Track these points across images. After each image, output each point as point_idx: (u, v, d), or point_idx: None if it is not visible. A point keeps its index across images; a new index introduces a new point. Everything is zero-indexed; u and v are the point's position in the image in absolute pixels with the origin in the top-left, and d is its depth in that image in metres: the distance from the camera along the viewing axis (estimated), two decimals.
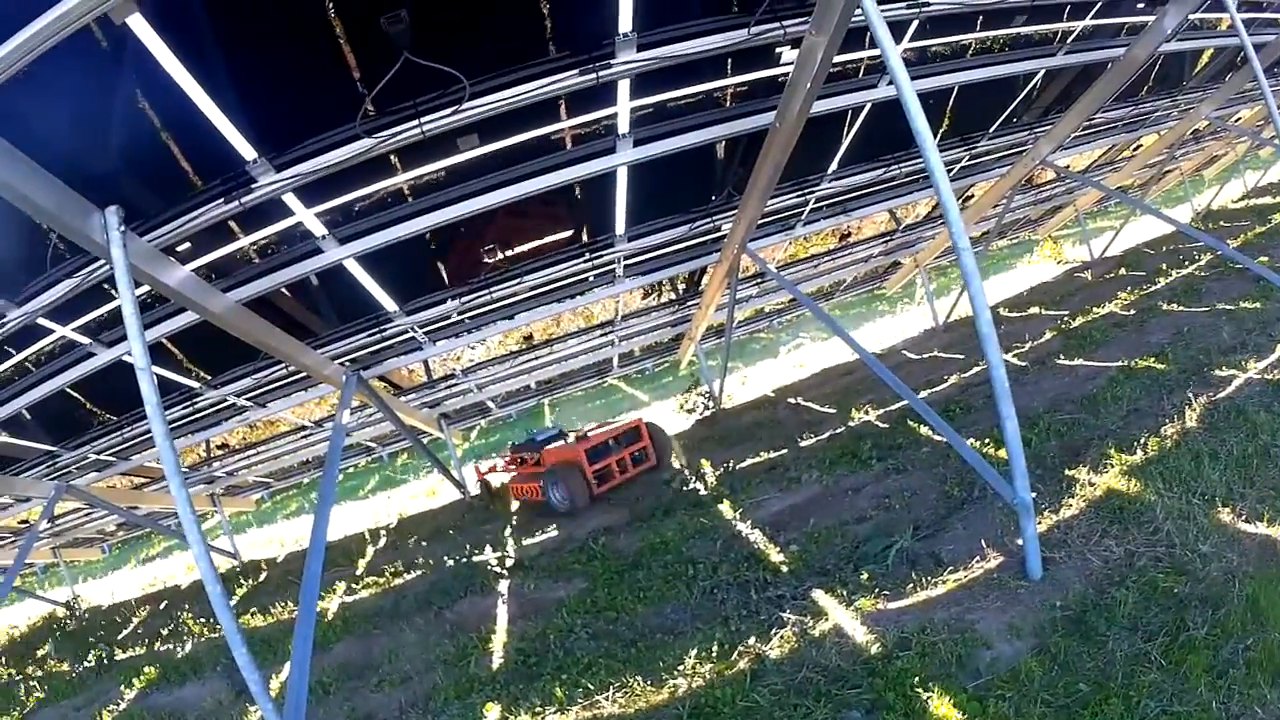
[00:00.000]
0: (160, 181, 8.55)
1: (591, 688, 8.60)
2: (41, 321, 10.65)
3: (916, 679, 6.91)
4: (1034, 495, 8.15)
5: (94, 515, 23.45)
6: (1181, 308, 17.71)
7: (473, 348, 21.34)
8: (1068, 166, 20.78)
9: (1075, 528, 8.80)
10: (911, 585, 8.67)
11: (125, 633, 18.06)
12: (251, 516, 35.00)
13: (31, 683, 15.61)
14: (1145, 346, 15.38)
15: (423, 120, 8.33)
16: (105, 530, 27.66)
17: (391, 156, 9.35)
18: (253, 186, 8.65)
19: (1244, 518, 7.99)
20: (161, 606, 19.85)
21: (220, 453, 23.11)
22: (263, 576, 20.06)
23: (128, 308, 7.33)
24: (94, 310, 11.03)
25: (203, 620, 16.46)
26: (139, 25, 6.23)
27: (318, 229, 10.40)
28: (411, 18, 6.98)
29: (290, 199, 9.34)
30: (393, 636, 12.25)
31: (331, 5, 7.15)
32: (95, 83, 7.02)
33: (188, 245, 9.45)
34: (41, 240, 9.00)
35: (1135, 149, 26.52)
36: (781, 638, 8.39)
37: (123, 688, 13.27)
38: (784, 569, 10.22)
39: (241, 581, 20.05)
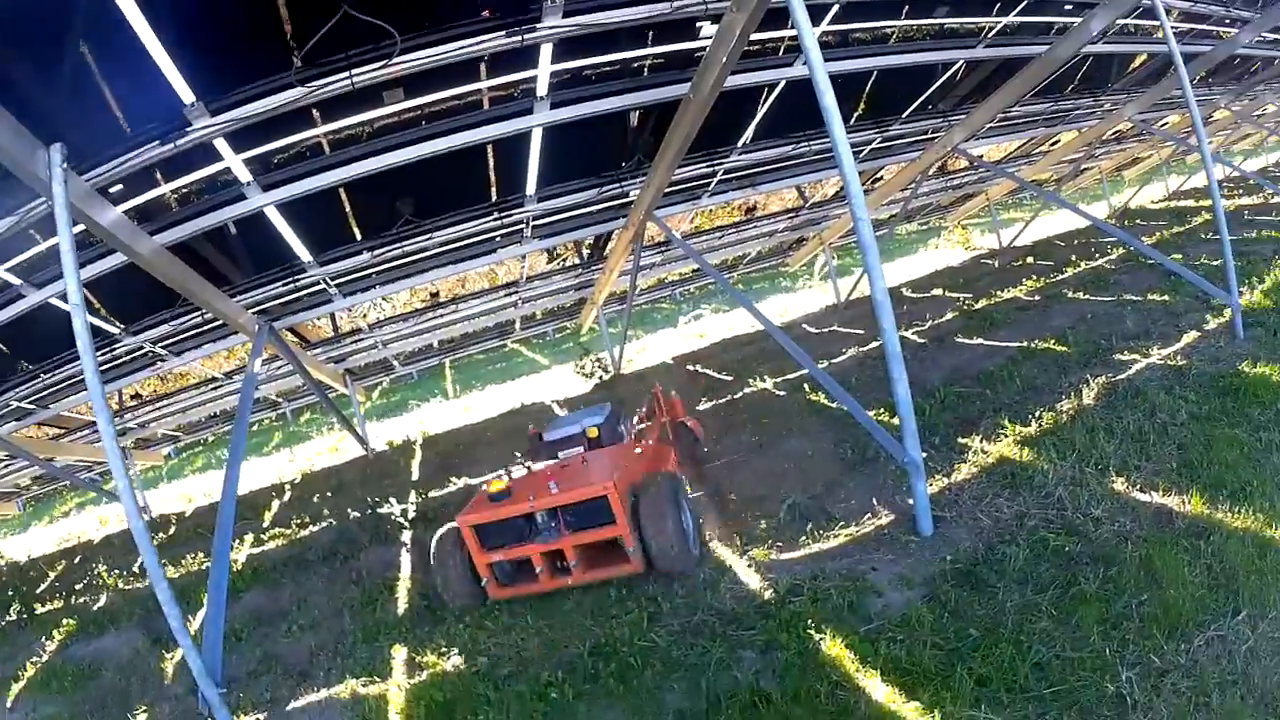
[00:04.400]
0: (99, 122, 8.67)
1: (494, 629, 8.96)
2: None
3: (810, 622, 7.29)
4: (926, 456, 8.63)
5: (12, 466, 23.16)
6: (1088, 296, 18.41)
7: (378, 304, 21.30)
8: (981, 156, 21.27)
9: (966, 490, 9.29)
10: (805, 538, 9.12)
11: (43, 587, 17.95)
12: (162, 472, 34.77)
13: None
14: (1047, 330, 15.96)
15: (354, 72, 8.55)
16: (19, 485, 27.36)
17: (314, 111, 9.57)
18: (187, 130, 8.79)
19: (1139, 487, 8.46)
20: (76, 561, 19.72)
21: (133, 403, 22.93)
22: (172, 530, 19.93)
23: (65, 243, 7.48)
24: (25, 252, 11.11)
25: (117, 572, 16.45)
26: None
27: (244, 175, 10.54)
28: None
29: (221, 144, 9.49)
30: (300, 585, 12.50)
31: None
32: (48, 22, 7.22)
33: (120, 187, 9.57)
34: None
35: (1053, 143, 27.13)
36: (681, 585, 8.78)
37: (45, 639, 13.35)
38: None
39: (153, 535, 19.80)
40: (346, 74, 8.57)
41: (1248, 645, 5.79)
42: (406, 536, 13.51)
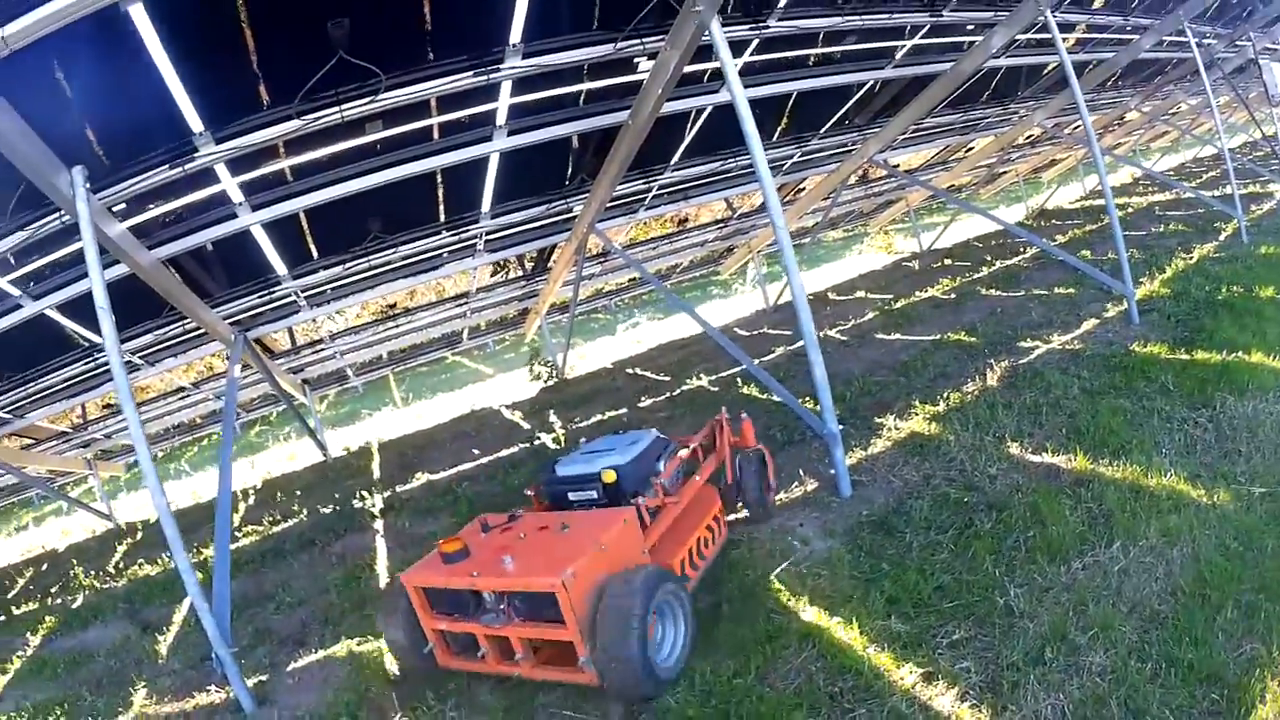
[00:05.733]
0: (114, 146, 9.45)
1: None
2: None
3: (747, 566, 8.54)
4: (845, 432, 9.90)
5: None
6: (1000, 293, 19.67)
7: (333, 317, 21.88)
8: (898, 166, 22.42)
9: (881, 460, 10.53)
10: (739, 504, 10.06)
11: (14, 592, 18.23)
12: (120, 483, 34.87)
13: None
14: (959, 323, 17.26)
15: (344, 107, 9.62)
16: None
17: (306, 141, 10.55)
18: (194, 156, 9.69)
19: (1031, 450, 9.74)
20: (44, 568, 19.87)
21: (105, 413, 23.29)
22: (139, 536, 20.24)
23: (91, 255, 8.24)
24: (27, 265, 11.74)
25: (93, 574, 16.79)
26: (137, 12, 7.34)
27: (238, 196, 11.43)
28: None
29: (220, 169, 10.40)
30: (280, 572, 13.17)
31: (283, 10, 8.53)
32: (80, 53, 7.90)
33: (123, 205, 10.33)
34: None
35: (968, 151, 28.34)
36: None
37: (28, 635, 13.60)
38: None
39: (121, 540, 20.25)
40: (337, 108, 9.59)
41: (1120, 566, 6.94)
42: (378, 524, 14.31)
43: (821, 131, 18.46)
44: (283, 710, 8.51)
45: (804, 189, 23.26)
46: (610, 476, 8.27)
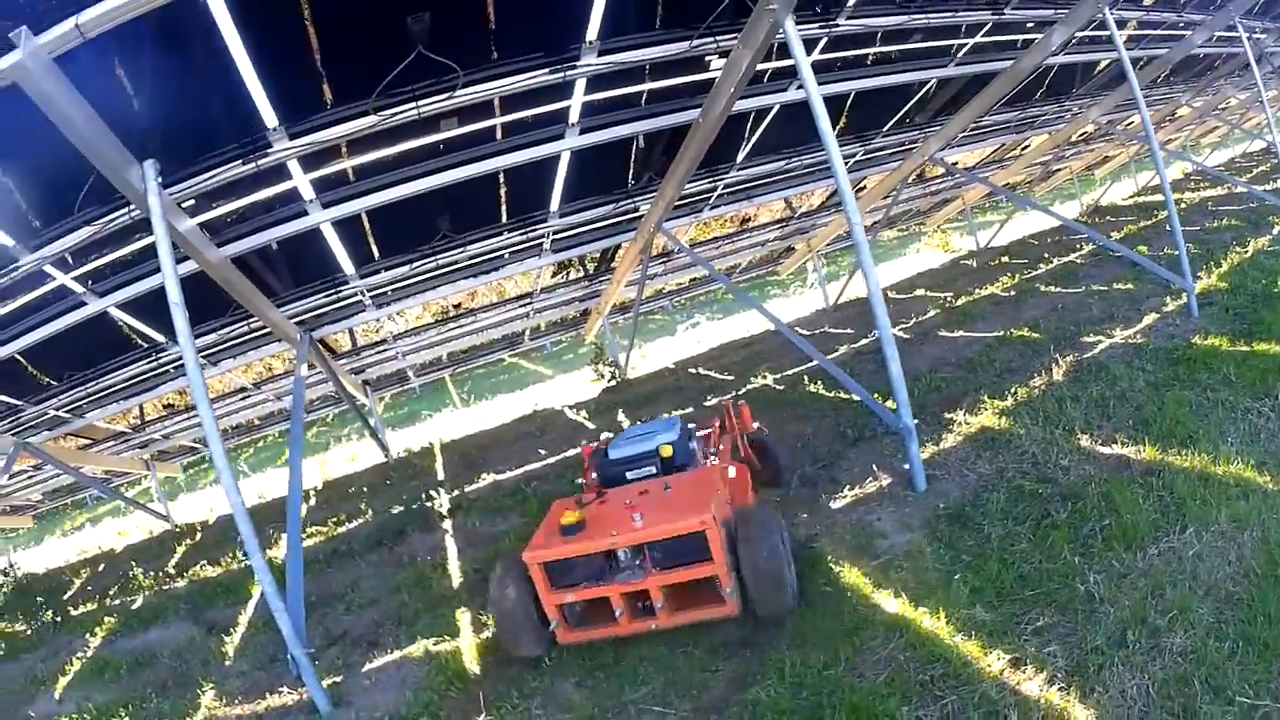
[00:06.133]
0: (184, 141, 9.48)
1: None
2: (47, 269, 11.33)
3: (830, 559, 8.63)
4: (916, 425, 9.87)
5: (36, 479, 23.43)
6: (1059, 289, 19.57)
7: (394, 318, 21.93)
8: (956, 163, 22.34)
9: (953, 454, 10.57)
10: (816, 500, 10.36)
11: (72, 592, 18.28)
12: (179, 484, 35.15)
13: None
14: (1021, 320, 17.18)
15: (420, 103, 9.68)
16: (31, 499, 27.24)
17: (378, 137, 10.54)
18: (268, 151, 9.76)
19: (1100, 442, 9.75)
20: (101, 569, 19.98)
21: (165, 412, 23.54)
22: (198, 537, 20.32)
23: (164, 250, 8.33)
24: (90, 262, 11.78)
25: (153, 574, 16.85)
26: (216, 2, 7.35)
27: (309, 194, 11.50)
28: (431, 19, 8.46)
29: (293, 165, 10.49)
30: (348, 572, 13.18)
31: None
32: (153, 44, 7.95)
33: (191, 202, 10.36)
34: (55, 192, 9.88)
35: (1024, 148, 28.25)
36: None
37: (88, 635, 13.66)
38: None
39: (180, 541, 20.35)
40: (414, 104, 9.67)
41: (1194, 551, 7.00)
42: (447, 524, 14.33)
43: (884, 130, 18.49)
44: (360, 711, 8.58)
45: (864, 187, 23.19)
46: (668, 451, 9.14)
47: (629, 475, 9.27)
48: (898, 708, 6.07)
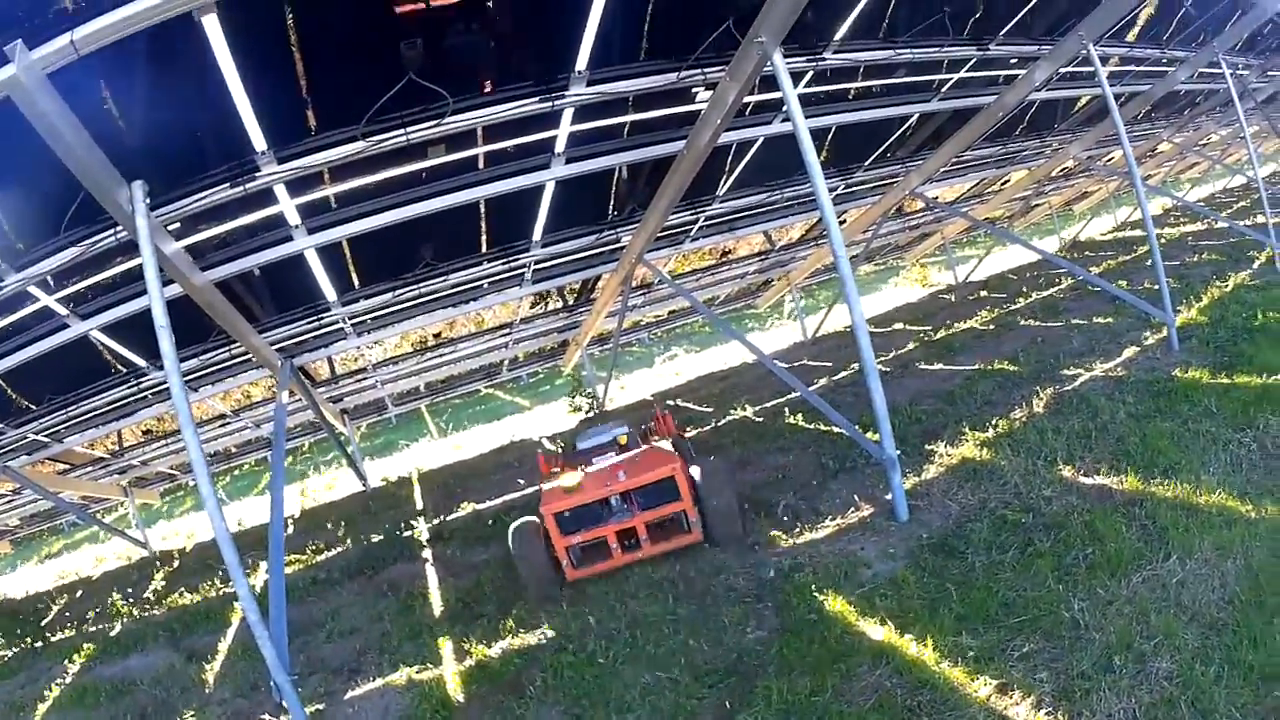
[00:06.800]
0: (171, 163, 9.38)
1: (533, 619, 10.09)
2: (31, 289, 11.14)
3: (814, 588, 8.67)
4: (899, 456, 9.95)
5: (14, 502, 23.33)
6: (1039, 323, 19.76)
7: (371, 347, 21.88)
8: (936, 198, 22.46)
9: (935, 485, 10.69)
10: (798, 530, 10.47)
11: (50, 618, 18.17)
12: (159, 510, 34.75)
13: None
14: (1001, 353, 17.35)
15: (408, 130, 9.69)
16: (8, 524, 27.05)
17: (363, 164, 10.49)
18: (256, 175, 9.71)
19: (1082, 472, 9.87)
20: (79, 595, 19.93)
21: (144, 438, 23.28)
22: (175, 564, 20.25)
23: (150, 271, 8.36)
24: (74, 284, 11.66)
25: (131, 600, 16.91)
26: (210, 23, 7.31)
27: (294, 219, 11.47)
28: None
29: (280, 190, 10.47)
30: (329, 601, 13.22)
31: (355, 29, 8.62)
32: (145, 64, 7.92)
33: (177, 225, 10.31)
34: (41, 212, 9.75)
35: (1004, 183, 28.38)
36: (695, 570, 10.09)
37: (66, 662, 13.64)
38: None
39: (158, 568, 20.21)
40: (403, 131, 9.67)
41: (1178, 578, 7.09)
42: (427, 553, 14.37)
43: (865, 164, 18.52)
44: None
45: (844, 221, 23.26)
46: (624, 439, 12.63)
47: (594, 460, 12.05)
48: None
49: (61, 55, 6.89)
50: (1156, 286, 14.10)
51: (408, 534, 16.14)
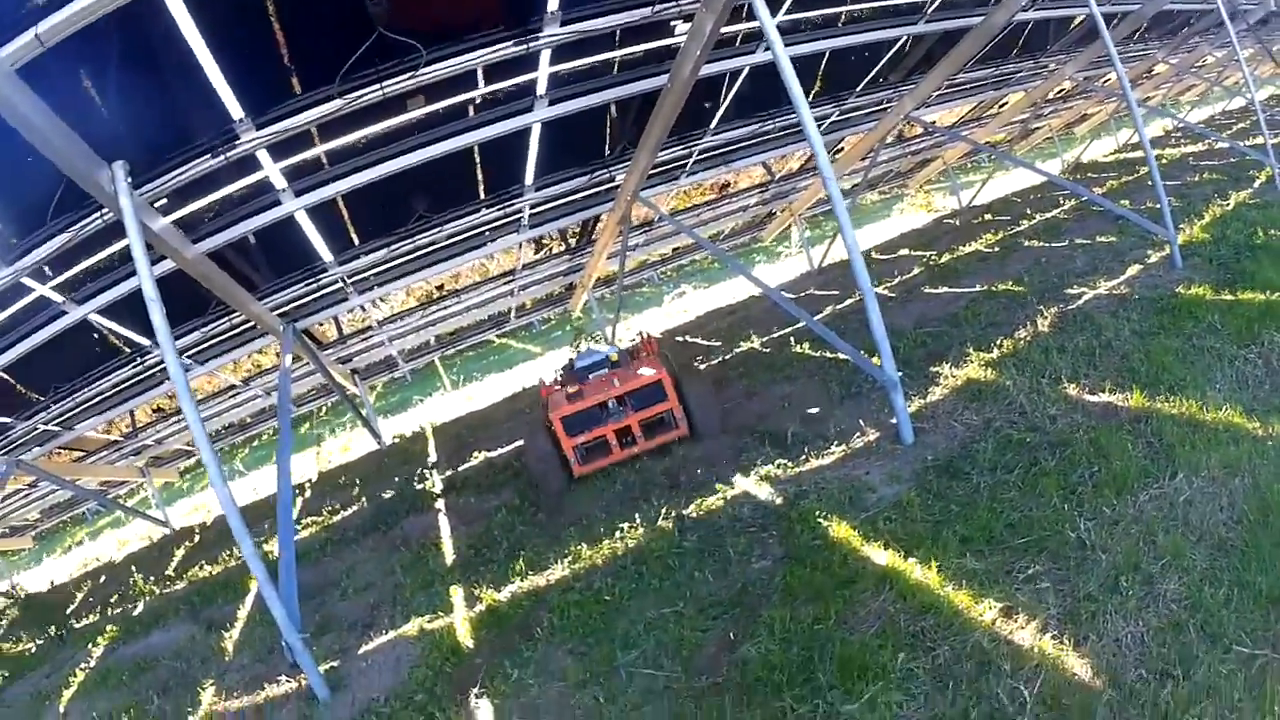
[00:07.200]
0: (153, 141, 9.47)
1: (542, 560, 10.11)
2: (25, 281, 11.23)
3: (818, 514, 8.63)
4: (903, 380, 9.90)
5: (31, 497, 23.33)
6: (1042, 243, 19.58)
7: (378, 304, 21.86)
8: (934, 122, 22.25)
9: (940, 407, 10.62)
10: (804, 457, 10.41)
11: (74, 605, 18.23)
12: (179, 488, 34.89)
13: None
14: (1005, 274, 17.26)
15: (384, 84, 9.61)
16: (29, 518, 26.98)
17: (343, 123, 10.48)
18: (236, 143, 9.70)
19: (1088, 390, 9.77)
20: (101, 580, 20.05)
21: (154, 416, 23.24)
22: (197, 539, 20.24)
23: (137, 249, 8.35)
24: (67, 271, 11.77)
25: (153, 579, 16.90)
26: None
27: (280, 183, 11.43)
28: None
29: (262, 155, 10.41)
30: (345, 559, 13.27)
31: None
32: (115, 48, 7.99)
33: (164, 201, 10.37)
34: (27, 204, 9.88)
35: (1001, 106, 28.08)
36: (698, 504, 10.06)
37: (90, 646, 13.68)
38: (694, 462, 11.92)
39: (179, 545, 20.30)
40: (378, 85, 9.59)
41: (1185, 497, 7.00)
42: (440, 504, 14.42)
43: (857, 90, 18.34)
44: (358, 694, 8.65)
45: (841, 149, 23.06)
46: (615, 358, 14.25)
47: (590, 377, 13.77)
48: (889, 659, 6.06)
49: (28, 50, 7.02)
50: (1159, 205, 13.95)
51: (420, 487, 16.13)
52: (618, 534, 9.99)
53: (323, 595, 11.95)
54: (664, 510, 10.18)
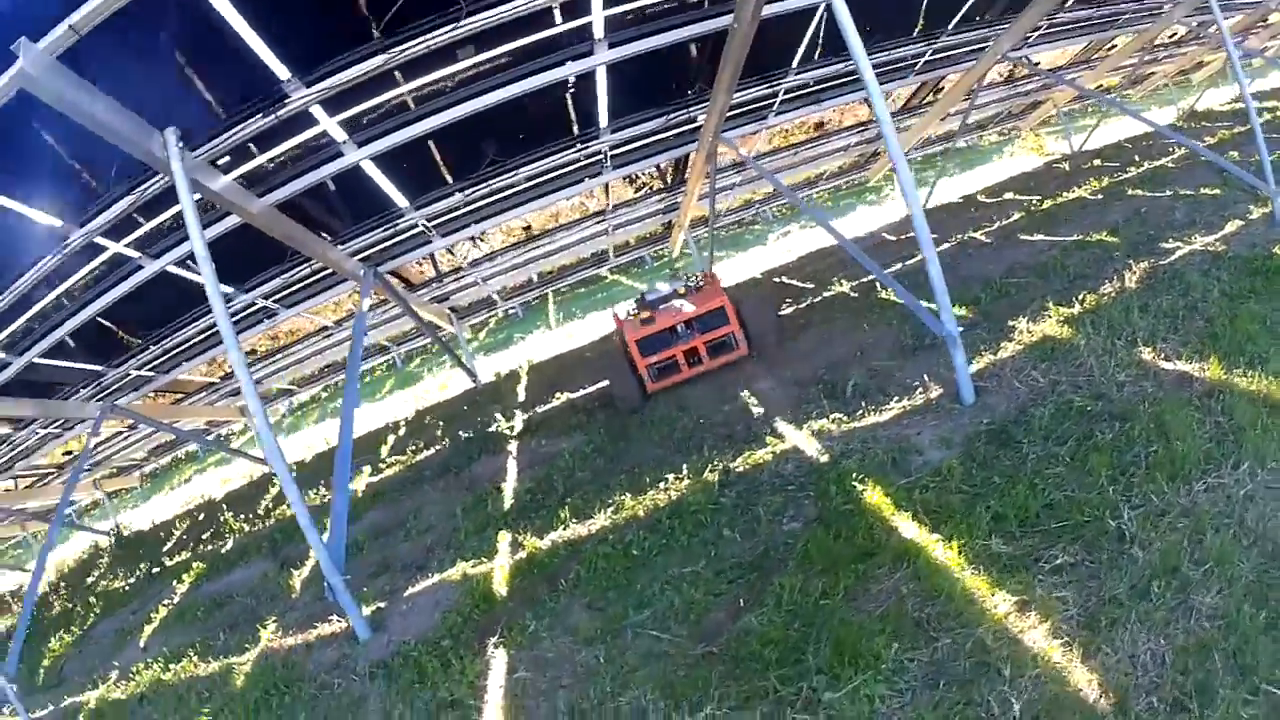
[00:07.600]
0: (206, 103, 9.64)
1: (588, 509, 10.20)
2: (99, 240, 11.54)
3: (855, 477, 8.46)
4: (975, 333, 9.83)
5: (131, 439, 24.04)
6: (1146, 193, 18.81)
7: (477, 243, 22.09)
8: (1039, 63, 21.56)
9: (1008, 365, 10.26)
10: (860, 412, 10.22)
11: (169, 545, 18.96)
12: (281, 426, 35.70)
13: (90, 600, 16.24)
14: (1103, 224, 16.64)
15: (428, 36, 9.52)
16: (135, 458, 28.22)
17: (396, 72, 10.40)
18: (285, 101, 9.77)
19: (1164, 356, 9.25)
20: (201, 518, 20.67)
21: (252, 359, 23.64)
22: (294, 475, 20.53)
23: (189, 212, 8.66)
24: (138, 229, 11.93)
25: (243, 517, 17.53)
26: None
27: (339, 135, 11.38)
28: None
29: (317, 110, 10.41)
30: (416, 499, 13.69)
31: None
32: (154, 26, 8.20)
33: (227, 158, 10.52)
34: (89, 172, 10.17)
35: (1110, 49, 27.18)
36: (746, 457, 9.98)
37: (175, 583, 14.29)
38: (754, 410, 11.90)
39: (273, 483, 20.85)
40: (422, 37, 9.52)
41: (1245, 491, 6.48)
42: (513, 446, 14.70)
43: (950, 28, 17.64)
44: (392, 635, 8.94)
45: (942, 89, 22.43)
46: (683, 291, 16.09)
47: (661, 307, 15.61)
48: (885, 646, 5.88)
49: (65, 40, 7.42)
50: (1271, 158, 13.32)
51: (495, 429, 16.44)
52: (662, 485, 10.00)
53: (389, 535, 12.40)
54: (712, 462, 10.14)
